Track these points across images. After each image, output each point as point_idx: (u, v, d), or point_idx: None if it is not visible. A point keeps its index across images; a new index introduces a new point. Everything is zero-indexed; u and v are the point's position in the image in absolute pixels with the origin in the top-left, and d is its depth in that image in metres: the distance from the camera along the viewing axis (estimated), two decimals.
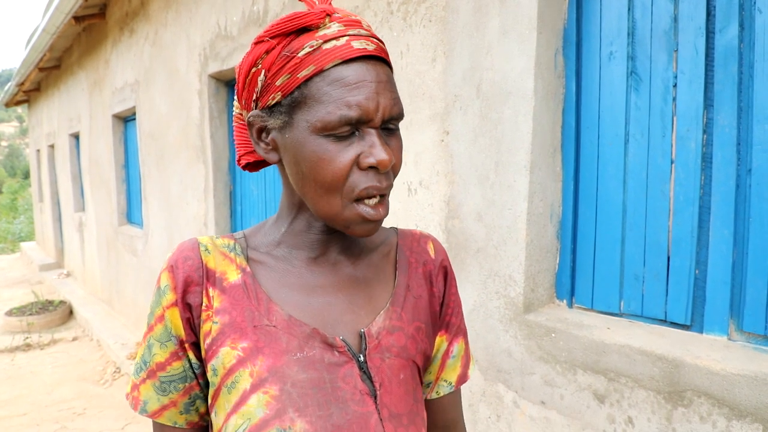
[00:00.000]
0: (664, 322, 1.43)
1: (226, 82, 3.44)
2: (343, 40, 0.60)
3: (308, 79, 0.60)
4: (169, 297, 0.65)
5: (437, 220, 1.83)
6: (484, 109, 1.63)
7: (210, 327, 0.64)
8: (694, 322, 1.38)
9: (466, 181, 1.71)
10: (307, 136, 0.61)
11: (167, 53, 3.95)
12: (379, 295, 0.72)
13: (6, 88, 9.70)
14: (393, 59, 1.95)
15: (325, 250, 0.71)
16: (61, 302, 6.55)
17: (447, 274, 0.80)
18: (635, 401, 1.33)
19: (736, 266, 1.29)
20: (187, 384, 0.67)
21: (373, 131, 0.61)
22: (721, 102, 1.29)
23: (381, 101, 0.61)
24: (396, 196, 1.99)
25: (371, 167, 0.61)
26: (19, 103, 10.83)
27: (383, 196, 0.64)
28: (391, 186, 0.65)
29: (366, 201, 0.63)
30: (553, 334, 1.50)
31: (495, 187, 1.62)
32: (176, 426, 0.68)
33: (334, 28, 0.61)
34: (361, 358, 0.66)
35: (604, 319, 1.53)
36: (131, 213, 5.57)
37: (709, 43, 1.31)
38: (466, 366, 0.83)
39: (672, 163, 1.40)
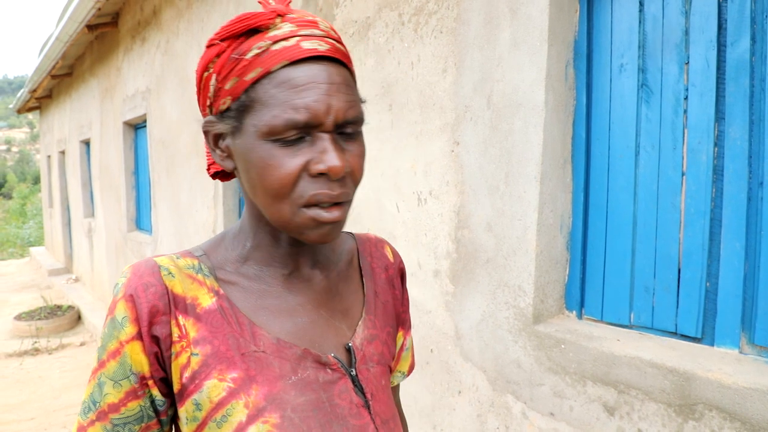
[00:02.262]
0: (674, 334, 1.43)
1: None
2: (292, 41, 0.57)
3: (255, 82, 0.57)
4: (129, 330, 0.59)
5: (447, 230, 1.84)
6: (495, 120, 1.64)
7: (188, 359, 0.59)
8: (705, 335, 1.37)
9: (476, 192, 1.71)
10: (255, 142, 0.58)
11: (179, 62, 4.00)
12: (352, 305, 0.73)
13: (18, 94, 9.82)
14: (403, 70, 1.96)
15: (297, 266, 0.69)
16: (70, 307, 6.59)
17: (403, 276, 0.84)
18: (645, 414, 1.32)
19: (747, 279, 1.29)
20: (143, 424, 0.61)
21: (325, 136, 0.58)
22: (733, 115, 1.30)
23: (333, 103, 0.57)
24: (406, 206, 2.00)
25: (321, 174, 0.58)
26: (31, 109, 10.97)
27: (338, 204, 0.60)
28: (348, 194, 0.61)
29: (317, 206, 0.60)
30: (562, 345, 1.49)
31: (505, 198, 1.62)
32: None
33: (285, 28, 0.58)
34: (353, 372, 0.67)
35: (614, 330, 1.52)
36: (140, 219, 5.61)
37: (721, 56, 1.31)
38: (413, 354, 0.89)
39: (683, 175, 1.40)
